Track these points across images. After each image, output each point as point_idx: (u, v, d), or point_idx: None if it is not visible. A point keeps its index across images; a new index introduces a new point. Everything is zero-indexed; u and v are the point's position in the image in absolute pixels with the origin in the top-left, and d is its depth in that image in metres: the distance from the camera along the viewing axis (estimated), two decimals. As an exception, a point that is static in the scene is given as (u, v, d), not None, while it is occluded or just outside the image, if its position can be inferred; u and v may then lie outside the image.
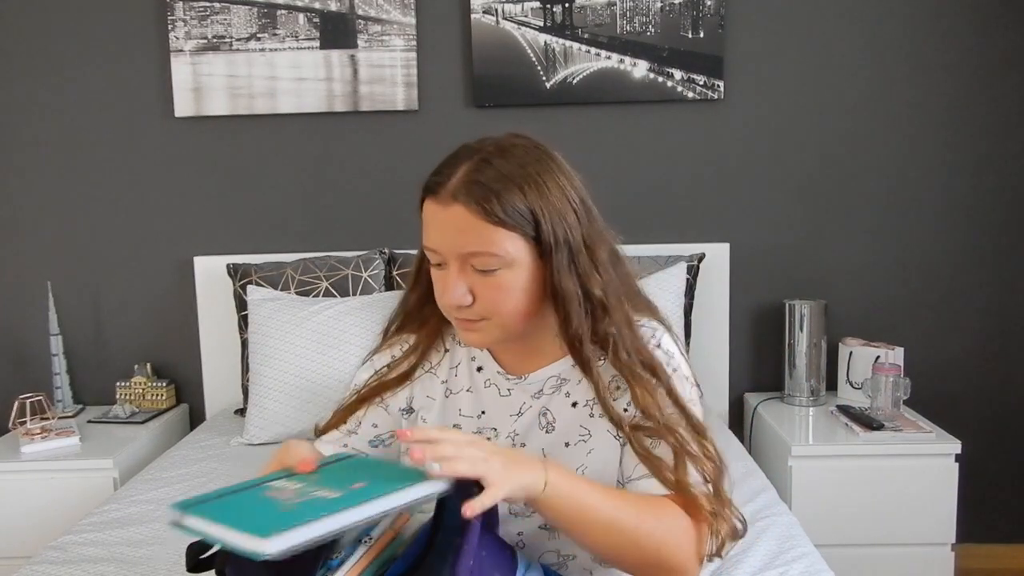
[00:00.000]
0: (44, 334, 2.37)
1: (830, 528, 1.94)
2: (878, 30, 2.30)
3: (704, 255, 2.30)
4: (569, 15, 2.29)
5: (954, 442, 1.96)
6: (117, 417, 2.26)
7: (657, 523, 0.89)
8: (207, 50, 2.32)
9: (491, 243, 0.91)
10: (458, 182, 0.92)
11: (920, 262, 2.37)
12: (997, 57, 2.29)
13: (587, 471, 0.99)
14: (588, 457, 0.99)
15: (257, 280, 2.21)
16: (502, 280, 0.94)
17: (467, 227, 0.91)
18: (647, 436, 0.94)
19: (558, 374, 1.03)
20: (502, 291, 0.94)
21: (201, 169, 2.40)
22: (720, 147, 2.36)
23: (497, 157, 0.93)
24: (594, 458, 0.99)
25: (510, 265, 0.93)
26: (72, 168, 2.40)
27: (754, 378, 2.43)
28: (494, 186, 0.91)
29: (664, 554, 0.89)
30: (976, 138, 2.32)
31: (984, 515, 2.39)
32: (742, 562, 1.42)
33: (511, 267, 0.93)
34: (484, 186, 0.91)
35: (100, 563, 1.45)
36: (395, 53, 2.32)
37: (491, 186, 0.91)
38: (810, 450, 1.97)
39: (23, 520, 1.98)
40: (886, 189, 2.35)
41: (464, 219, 0.91)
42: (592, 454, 0.99)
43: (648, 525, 0.89)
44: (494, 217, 0.90)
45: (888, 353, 2.16)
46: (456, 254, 0.93)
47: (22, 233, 2.42)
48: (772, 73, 2.33)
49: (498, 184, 0.91)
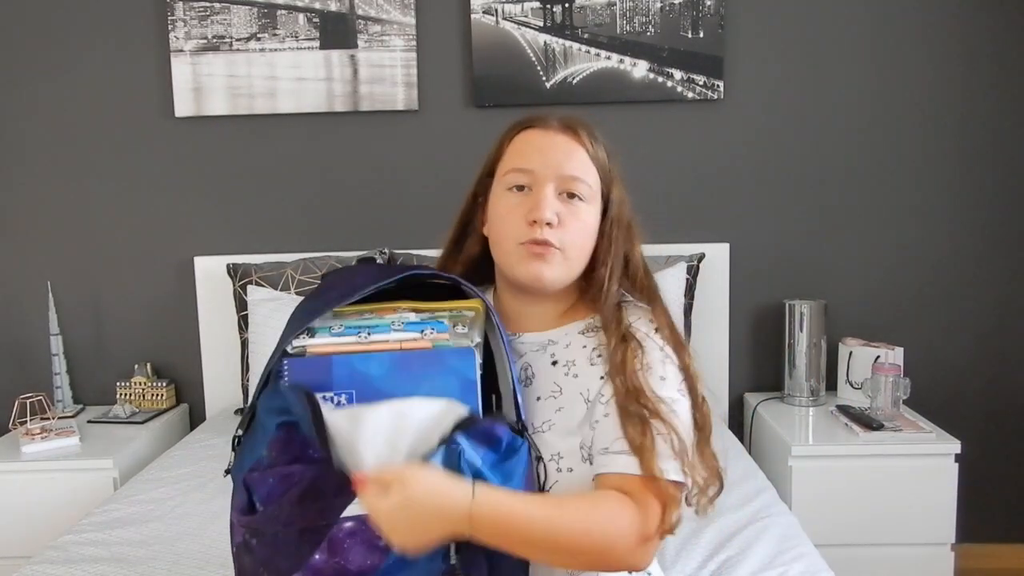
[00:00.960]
0: (44, 334, 2.37)
1: (830, 528, 1.94)
2: (878, 30, 2.30)
3: (704, 255, 2.30)
4: (569, 15, 2.29)
5: (954, 442, 1.96)
6: (117, 417, 2.26)
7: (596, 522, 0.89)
8: (207, 50, 2.32)
9: (587, 173, 1.04)
10: (568, 119, 1.06)
11: (920, 262, 2.37)
12: (997, 57, 2.29)
13: (553, 426, 1.00)
14: (556, 414, 1.01)
15: (257, 280, 2.22)
16: (583, 213, 1.03)
17: (573, 154, 1.03)
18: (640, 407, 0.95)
19: (548, 339, 1.07)
20: (581, 223, 1.03)
21: (201, 169, 2.40)
22: (720, 147, 2.36)
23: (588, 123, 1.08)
24: (562, 415, 1.01)
25: (591, 200, 1.04)
26: (72, 168, 2.40)
27: (754, 378, 2.43)
28: (596, 133, 1.07)
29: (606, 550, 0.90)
30: (976, 138, 2.32)
31: (984, 515, 2.39)
32: (742, 562, 1.42)
33: (590, 203, 1.04)
34: (589, 129, 1.06)
35: (100, 563, 1.45)
36: (395, 53, 2.32)
37: (593, 132, 1.07)
38: (810, 450, 1.97)
39: (23, 520, 1.98)
40: (886, 189, 2.35)
41: (571, 145, 1.04)
42: (561, 411, 1.02)
43: (586, 526, 0.89)
44: (594, 153, 1.05)
45: (888, 353, 2.16)
46: (557, 175, 1.02)
47: (22, 233, 2.42)
48: (772, 73, 2.33)
49: (595, 134, 1.07)
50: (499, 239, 1.05)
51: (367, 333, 0.91)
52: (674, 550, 1.48)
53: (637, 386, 0.97)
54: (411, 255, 2.25)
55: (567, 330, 1.08)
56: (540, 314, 1.08)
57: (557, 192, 1.02)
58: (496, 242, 1.06)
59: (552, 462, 0.98)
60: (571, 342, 1.06)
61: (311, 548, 0.85)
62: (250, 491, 0.87)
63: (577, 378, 1.02)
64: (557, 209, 1.01)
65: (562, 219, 1.01)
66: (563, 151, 1.03)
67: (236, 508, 0.88)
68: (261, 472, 0.86)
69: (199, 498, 1.74)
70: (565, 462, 0.98)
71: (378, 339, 0.90)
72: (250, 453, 0.89)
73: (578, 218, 1.02)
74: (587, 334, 1.06)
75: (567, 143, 1.03)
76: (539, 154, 1.03)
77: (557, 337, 1.07)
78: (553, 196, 1.01)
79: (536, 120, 1.06)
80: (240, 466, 0.90)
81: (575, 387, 1.02)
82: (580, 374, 1.03)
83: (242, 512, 0.87)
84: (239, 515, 0.87)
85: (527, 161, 1.03)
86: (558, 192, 1.02)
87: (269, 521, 0.85)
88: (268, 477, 0.86)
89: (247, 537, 0.87)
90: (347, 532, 0.87)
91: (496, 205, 1.06)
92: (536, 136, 1.04)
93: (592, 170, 1.04)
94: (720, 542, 1.51)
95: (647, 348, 1.01)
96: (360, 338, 0.90)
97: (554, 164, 1.02)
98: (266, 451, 0.87)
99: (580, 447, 0.99)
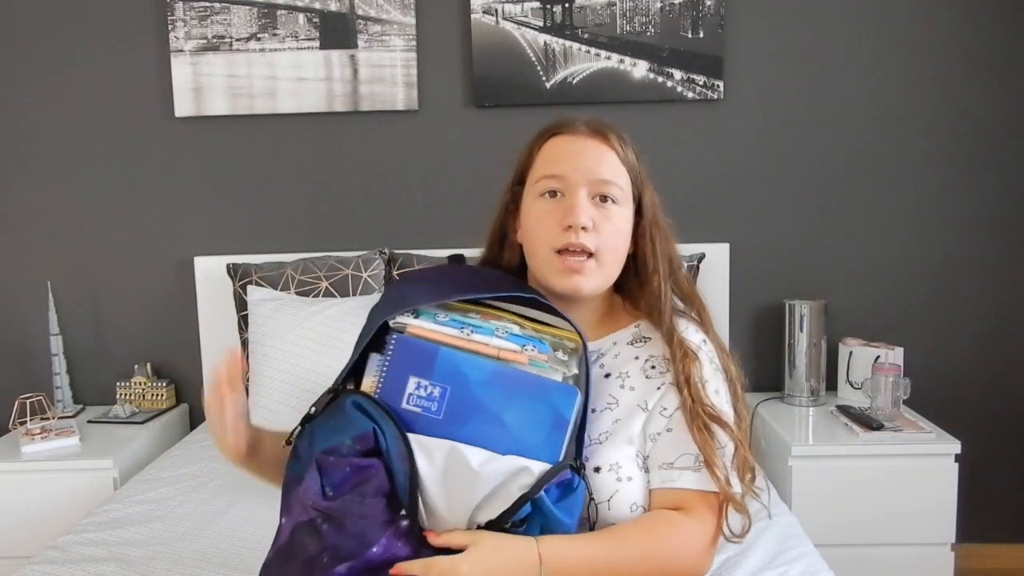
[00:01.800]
0: (44, 334, 2.37)
1: (830, 528, 1.94)
2: (878, 30, 2.30)
3: (704, 255, 2.30)
4: (569, 15, 2.29)
5: (954, 442, 1.96)
6: (117, 417, 2.26)
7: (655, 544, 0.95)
8: (207, 50, 2.32)
9: (619, 175, 1.04)
10: (596, 123, 1.06)
11: (920, 262, 2.37)
12: (997, 58, 2.29)
13: (611, 436, 1.01)
14: (614, 425, 1.02)
15: (257, 280, 2.22)
16: (617, 217, 1.04)
17: (604, 158, 1.04)
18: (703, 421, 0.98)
19: (597, 351, 1.08)
20: (615, 227, 1.04)
21: (201, 169, 2.40)
22: (720, 147, 2.36)
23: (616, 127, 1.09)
24: (619, 426, 1.02)
25: (623, 203, 1.05)
26: (72, 168, 2.40)
27: (754, 378, 2.43)
28: (624, 136, 1.08)
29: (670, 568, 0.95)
30: (976, 138, 2.32)
31: (984, 515, 2.39)
32: (742, 562, 1.42)
33: (623, 206, 1.05)
34: (617, 132, 1.07)
35: (100, 563, 1.45)
36: (395, 53, 2.32)
37: (622, 135, 1.07)
38: (810, 450, 1.97)
39: (23, 520, 1.98)
40: (886, 189, 2.35)
41: (601, 150, 1.04)
42: (618, 423, 1.02)
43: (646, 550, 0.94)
44: (624, 156, 1.05)
45: (888, 353, 2.16)
46: (588, 179, 1.03)
47: (22, 233, 2.42)
48: (772, 73, 2.33)
49: (625, 137, 1.08)
50: (534, 247, 1.05)
51: (470, 331, 0.92)
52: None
53: (699, 399, 0.99)
54: (411, 255, 2.25)
55: (615, 339, 1.09)
56: (579, 321, 1.07)
57: (590, 196, 1.03)
58: (531, 251, 1.06)
59: (611, 472, 0.99)
60: (620, 352, 1.07)
61: (374, 540, 0.86)
62: (321, 473, 0.87)
63: (634, 391, 1.04)
64: (591, 213, 1.02)
65: (596, 223, 1.02)
66: (593, 155, 1.04)
67: (309, 489, 0.87)
68: (337, 459, 0.87)
69: (199, 498, 1.75)
70: (624, 471, 0.99)
71: (479, 340, 0.91)
72: (327, 435, 0.89)
73: (611, 222, 1.03)
74: (636, 344, 1.07)
75: (597, 147, 1.04)
76: (570, 159, 1.03)
77: (604, 348, 1.08)
78: (586, 200, 1.02)
79: (564, 126, 1.06)
80: (311, 444, 0.90)
81: (632, 399, 1.03)
82: (636, 387, 1.04)
83: (319, 495, 0.87)
84: (316, 497, 0.87)
85: (558, 167, 1.04)
86: (591, 196, 1.03)
87: (347, 509, 0.86)
88: (345, 465, 0.86)
89: (318, 521, 0.87)
90: (403, 530, 0.88)
91: (529, 213, 1.06)
92: (566, 142, 1.05)
93: (623, 173, 1.05)
94: (720, 542, 1.51)
95: (702, 360, 1.03)
96: (462, 333, 0.91)
97: (585, 169, 1.03)
98: (350, 441, 0.87)
99: (636, 455, 1.01)
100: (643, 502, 1.00)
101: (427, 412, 0.89)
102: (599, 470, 0.99)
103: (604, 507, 0.98)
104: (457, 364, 0.89)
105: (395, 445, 0.87)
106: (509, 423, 0.88)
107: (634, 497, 0.99)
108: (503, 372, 0.89)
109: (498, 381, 0.89)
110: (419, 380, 0.89)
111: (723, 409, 1.02)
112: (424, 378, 0.89)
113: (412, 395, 0.89)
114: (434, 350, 0.89)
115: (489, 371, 0.89)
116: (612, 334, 1.09)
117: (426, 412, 0.89)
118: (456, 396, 0.88)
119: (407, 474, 0.86)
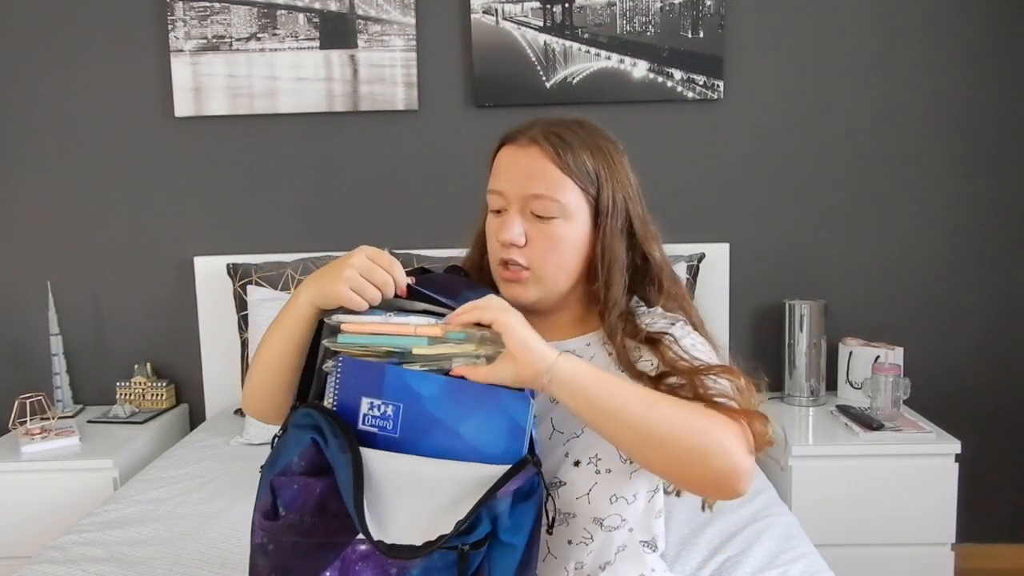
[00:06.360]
0: (44, 334, 2.37)
1: (830, 528, 1.94)
2: (878, 30, 2.30)
3: (704, 255, 2.30)
4: (569, 15, 2.29)
5: (954, 442, 1.96)
6: (117, 417, 2.26)
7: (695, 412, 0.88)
8: (207, 50, 2.32)
9: (556, 189, 0.99)
10: (538, 131, 1.01)
11: (920, 262, 2.37)
12: (998, 58, 2.29)
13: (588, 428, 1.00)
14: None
15: (257, 280, 2.22)
16: (556, 230, 1.00)
17: (538, 170, 0.99)
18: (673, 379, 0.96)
19: (572, 350, 1.05)
20: (553, 241, 1.00)
21: (201, 169, 2.40)
22: (720, 147, 2.36)
23: (575, 125, 1.03)
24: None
25: (567, 217, 1.00)
26: (72, 168, 2.40)
27: (754, 378, 2.42)
28: (569, 139, 1.00)
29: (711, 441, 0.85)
30: (976, 138, 2.32)
31: (984, 515, 2.39)
32: (742, 562, 1.42)
33: (567, 220, 1.00)
34: (560, 138, 1.00)
35: (100, 563, 1.45)
36: (395, 53, 2.32)
37: (566, 139, 1.00)
38: (810, 450, 1.97)
39: (23, 520, 1.98)
40: (886, 189, 2.35)
41: (537, 161, 0.99)
42: None
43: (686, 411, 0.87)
44: (564, 164, 0.99)
45: (888, 353, 2.16)
46: (520, 195, 1.00)
47: (22, 233, 2.42)
48: (772, 73, 2.33)
49: (573, 140, 1.01)
50: (489, 257, 1.06)
51: (391, 315, 0.92)
52: (675, 550, 1.48)
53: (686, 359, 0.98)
54: (411, 255, 2.25)
55: (588, 340, 1.08)
56: (552, 323, 1.07)
57: (523, 212, 1.00)
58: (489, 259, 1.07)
59: (591, 465, 0.98)
60: (595, 353, 1.06)
61: (324, 564, 0.86)
62: (275, 494, 0.87)
63: None
64: (524, 229, 1.00)
65: (531, 238, 1.00)
66: (527, 169, 1.00)
67: (259, 509, 0.88)
68: (288, 477, 0.87)
69: (199, 498, 1.75)
70: (603, 463, 0.99)
71: (397, 321, 0.91)
72: (284, 454, 0.89)
73: (548, 236, 1.00)
74: (607, 345, 1.06)
75: (531, 160, 1.00)
76: (507, 174, 1.02)
77: (578, 348, 1.07)
78: (517, 217, 1.00)
79: (512, 135, 1.04)
80: (272, 465, 0.89)
81: None
82: None
83: (264, 515, 0.87)
84: (261, 518, 0.87)
85: (498, 182, 1.03)
86: (524, 211, 1.00)
87: (289, 530, 0.86)
88: (293, 484, 0.86)
89: (265, 540, 0.87)
90: (360, 555, 0.86)
91: (485, 226, 1.07)
92: (508, 154, 1.03)
93: (564, 183, 0.99)
94: (720, 542, 1.52)
95: (676, 335, 1.02)
96: (384, 318, 0.91)
97: (518, 184, 1.00)
98: (296, 458, 0.87)
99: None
100: (624, 494, 0.99)
101: (384, 431, 0.88)
102: (579, 464, 0.98)
103: (583, 501, 0.97)
104: (405, 380, 0.88)
105: (338, 456, 0.85)
106: (466, 435, 0.87)
107: (614, 489, 0.98)
108: (455, 385, 0.88)
109: (451, 395, 0.88)
110: (371, 400, 0.88)
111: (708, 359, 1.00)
112: (376, 397, 0.88)
113: (367, 415, 0.89)
114: (380, 368, 0.89)
115: (440, 386, 0.88)
116: (585, 335, 1.08)
117: (383, 431, 0.88)
118: (410, 413, 0.88)
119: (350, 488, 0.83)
